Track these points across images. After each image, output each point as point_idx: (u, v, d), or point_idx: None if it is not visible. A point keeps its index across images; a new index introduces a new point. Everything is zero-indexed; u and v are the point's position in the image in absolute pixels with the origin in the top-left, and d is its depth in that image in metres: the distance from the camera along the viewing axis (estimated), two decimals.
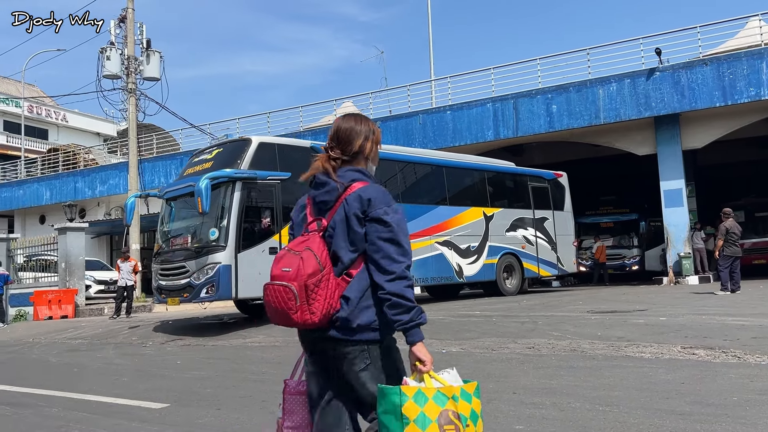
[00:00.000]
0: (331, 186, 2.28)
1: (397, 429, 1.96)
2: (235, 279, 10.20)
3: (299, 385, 2.35)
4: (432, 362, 2.11)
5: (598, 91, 17.35)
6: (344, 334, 2.14)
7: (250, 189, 10.61)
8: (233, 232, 10.27)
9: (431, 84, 21.71)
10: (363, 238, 2.19)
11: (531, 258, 15.71)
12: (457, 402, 2.05)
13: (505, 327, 8.97)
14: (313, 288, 2.08)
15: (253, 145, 10.98)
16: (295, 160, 11.35)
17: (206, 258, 10.33)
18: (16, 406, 5.77)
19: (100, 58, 18.44)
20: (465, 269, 14.13)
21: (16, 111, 37.32)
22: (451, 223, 14.00)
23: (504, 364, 6.41)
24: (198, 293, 10.33)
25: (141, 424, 4.77)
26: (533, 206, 16.10)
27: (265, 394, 5.60)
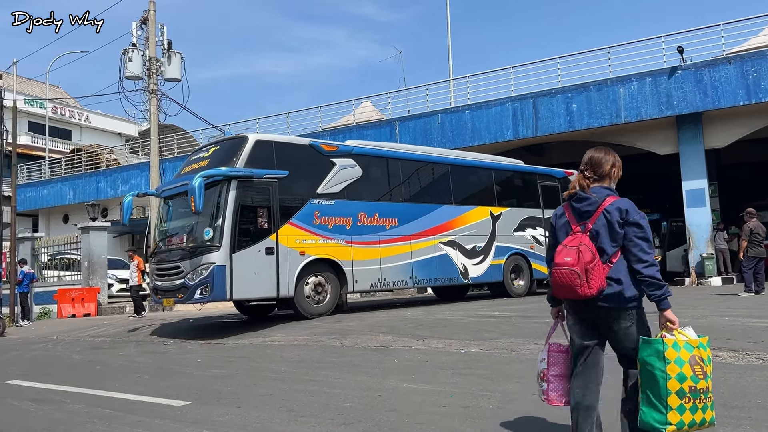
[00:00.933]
0: (591, 200, 3.16)
1: (661, 366, 2.92)
2: (229, 280, 10.00)
3: (559, 346, 3.45)
4: (678, 323, 3.04)
5: (619, 90, 17.19)
6: (617, 303, 3.08)
7: (245, 188, 10.41)
8: (228, 232, 10.07)
9: (450, 83, 21.67)
10: (622, 237, 3.07)
11: (540, 258, 15.29)
12: (700, 349, 2.98)
13: (524, 328, 8.92)
14: (590, 271, 3.01)
15: (250, 143, 10.78)
16: (294, 159, 11.26)
17: (200, 258, 10.14)
18: (41, 402, 5.87)
19: (122, 59, 18.66)
20: (471, 270, 13.87)
21: (41, 112, 37.94)
22: (457, 222, 13.75)
23: (524, 365, 6.37)
24: (192, 294, 10.14)
25: (163, 422, 4.82)
26: (543, 205, 15.79)
27: (285, 392, 5.64)
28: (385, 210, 12.49)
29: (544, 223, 15.65)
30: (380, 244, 12.23)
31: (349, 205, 11.86)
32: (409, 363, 6.87)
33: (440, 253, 13.25)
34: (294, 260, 10.84)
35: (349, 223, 11.80)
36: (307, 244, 11.08)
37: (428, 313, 11.65)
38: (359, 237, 11.89)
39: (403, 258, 12.58)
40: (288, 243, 10.80)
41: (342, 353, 7.94)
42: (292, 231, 10.91)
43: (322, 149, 11.78)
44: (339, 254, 11.55)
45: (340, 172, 11.83)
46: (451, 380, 5.76)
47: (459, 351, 7.42)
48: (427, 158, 14.01)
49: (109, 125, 43.47)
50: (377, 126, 21.26)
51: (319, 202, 11.41)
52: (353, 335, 9.23)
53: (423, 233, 12.98)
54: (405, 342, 8.34)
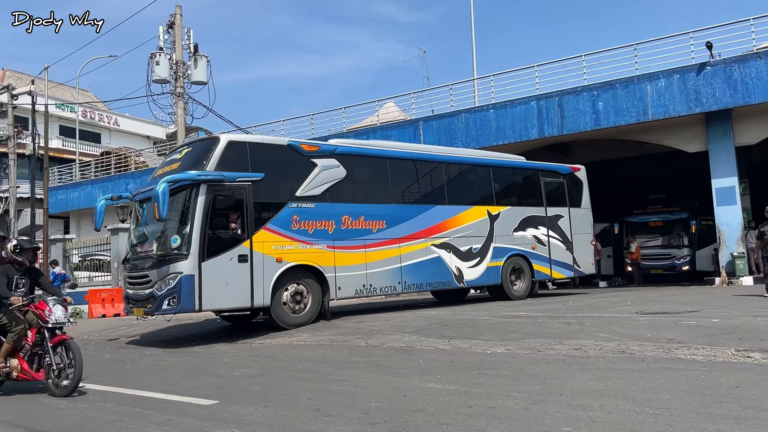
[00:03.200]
0: None
1: None
2: (198, 290, 9.42)
3: None
4: None
5: (646, 87, 16.94)
6: None
7: (216, 192, 9.83)
8: (197, 240, 9.49)
9: (474, 83, 21.56)
10: None
11: (542, 259, 14.72)
12: None
13: (550, 328, 8.85)
14: None
15: (221, 145, 10.19)
16: (270, 160, 10.74)
17: (167, 267, 9.57)
18: (73, 401, 6.00)
19: (150, 63, 18.95)
20: (466, 273, 13.18)
21: (71, 116, 38.67)
22: (451, 223, 13.06)
23: (550, 365, 6.33)
24: (160, 305, 9.58)
25: (191, 420, 4.89)
26: (546, 203, 15.04)
27: (311, 392, 5.67)
28: (372, 212, 11.85)
29: (547, 222, 14.99)
30: (366, 248, 11.62)
31: (331, 207, 11.24)
32: (434, 363, 6.87)
33: (432, 256, 12.64)
34: (270, 268, 10.23)
35: (332, 227, 11.19)
36: (284, 251, 10.48)
37: (453, 313, 11.61)
38: (343, 241, 11.28)
39: (392, 262, 11.98)
40: (263, 250, 10.20)
41: (367, 353, 7.96)
42: (268, 237, 10.31)
43: (301, 149, 11.17)
44: (320, 260, 10.93)
45: (322, 173, 11.19)
46: (476, 380, 5.75)
47: (485, 351, 7.39)
48: (418, 156, 13.36)
49: (137, 128, 44.16)
50: (401, 126, 21.26)
51: (298, 206, 10.81)
52: (378, 335, 9.25)
53: (414, 236, 12.38)
54: (430, 342, 8.33)
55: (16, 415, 5.51)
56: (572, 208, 15.66)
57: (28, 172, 26.32)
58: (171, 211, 9.81)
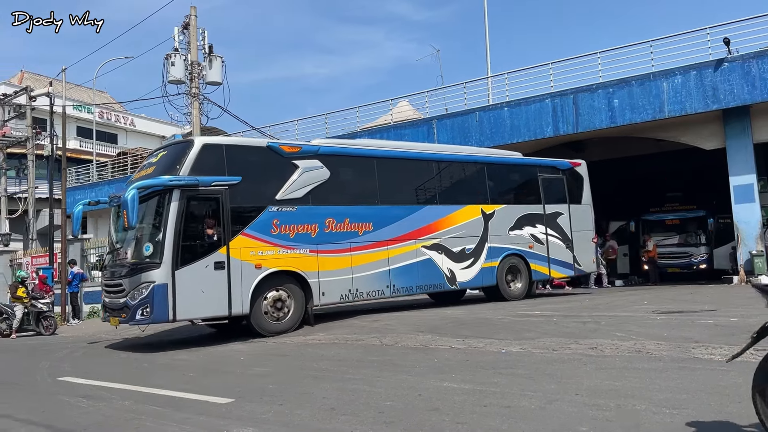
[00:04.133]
0: None
1: None
2: (172, 299, 9.18)
3: None
4: None
5: (662, 84, 16.78)
6: None
7: (190, 197, 9.52)
8: (170, 247, 9.21)
9: (488, 81, 21.48)
10: None
11: (540, 258, 14.32)
12: None
13: (566, 327, 8.82)
14: None
15: (195, 148, 9.85)
16: (249, 163, 10.43)
17: (140, 276, 9.35)
18: (92, 399, 6.07)
19: (165, 64, 19.04)
20: (458, 275, 12.84)
21: (88, 117, 39.08)
22: (442, 224, 12.72)
23: (566, 365, 6.30)
24: (134, 315, 9.34)
25: (208, 418, 4.93)
26: (544, 200, 14.62)
27: (326, 390, 5.70)
28: (358, 214, 11.54)
29: (545, 219, 14.56)
30: (352, 251, 11.30)
31: (314, 210, 10.92)
32: (449, 362, 6.86)
33: (423, 258, 12.31)
34: (249, 274, 9.93)
35: (315, 231, 10.86)
36: (264, 256, 10.17)
37: (469, 312, 11.60)
38: (327, 245, 10.96)
39: (379, 265, 11.65)
40: (241, 256, 9.90)
41: (382, 352, 7.98)
42: (246, 242, 10.01)
43: (281, 151, 10.84)
44: (303, 265, 10.61)
45: (304, 174, 10.86)
46: (491, 380, 5.74)
47: (500, 350, 7.37)
48: (407, 155, 13.01)
49: (153, 129, 44.54)
50: (415, 125, 21.24)
51: (278, 210, 10.47)
52: (393, 334, 9.26)
53: (403, 237, 12.06)
54: (445, 341, 8.33)
55: (36, 413, 5.59)
56: (572, 204, 15.27)
57: (46, 172, 26.59)
58: (144, 217, 9.69)
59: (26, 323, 15.79)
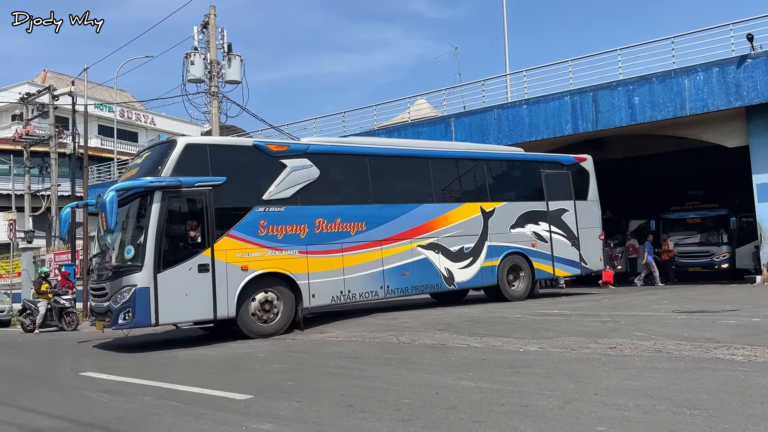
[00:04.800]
0: None
1: None
2: (154, 303, 9.05)
3: None
4: None
5: (683, 81, 16.57)
6: None
7: (172, 199, 9.36)
8: (151, 250, 9.07)
9: (507, 78, 21.38)
10: None
11: (544, 257, 13.97)
12: None
13: (585, 326, 8.76)
14: None
15: (178, 148, 9.69)
16: (234, 163, 10.26)
17: (121, 280, 9.23)
18: (113, 394, 6.15)
19: (185, 63, 19.21)
20: (457, 274, 12.57)
21: (109, 116, 39.56)
22: (439, 222, 12.45)
23: (584, 364, 6.26)
24: (116, 319, 9.23)
25: (227, 414, 4.98)
26: (547, 197, 14.25)
27: (344, 388, 5.72)
28: (349, 214, 11.31)
29: (549, 216, 14.21)
30: (343, 252, 11.08)
31: (303, 210, 10.71)
32: (466, 361, 6.85)
33: (418, 257, 12.05)
34: (235, 277, 9.75)
35: (304, 231, 10.65)
36: (250, 258, 9.98)
37: (486, 311, 11.56)
38: (317, 246, 10.75)
39: (372, 266, 11.41)
40: (227, 258, 9.72)
41: (399, 350, 7.98)
42: (231, 244, 9.83)
43: (268, 150, 10.66)
44: (291, 267, 10.41)
45: (292, 174, 10.64)
46: (509, 378, 5.72)
47: (518, 349, 7.34)
48: (401, 152, 12.77)
49: (173, 127, 44.90)
50: (432, 123, 21.20)
51: (265, 210, 10.28)
52: (410, 332, 9.27)
53: (397, 237, 11.81)
54: (462, 340, 8.32)
55: (59, 407, 5.68)
56: (578, 201, 14.86)
57: (68, 170, 27.00)
58: (126, 220, 9.65)
59: (49, 319, 16.06)
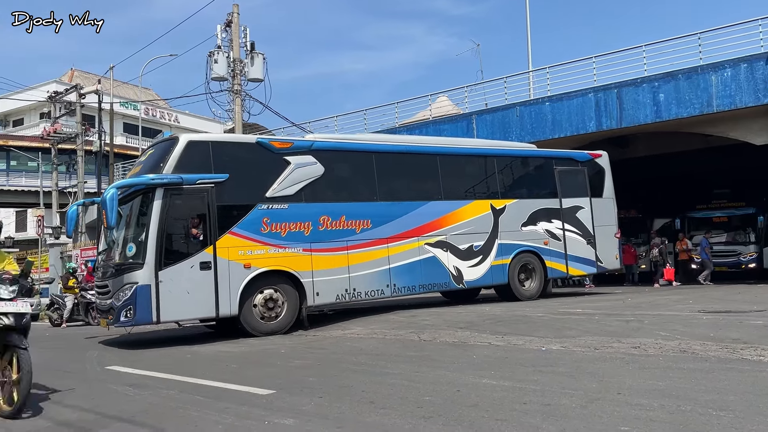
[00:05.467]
0: None
1: None
2: (155, 301, 9.05)
3: None
4: None
5: (710, 78, 16.30)
6: None
7: (174, 196, 9.34)
8: (152, 247, 9.07)
9: (529, 75, 21.21)
10: None
11: (557, 255, 13.72)
12: None
13: (608, 326, 8.67)
14: None
15: (180, 146, 9.68)
16: (236, 160, 10.20)
17: (123, 277, 9.25)
18: (138, 387, 6.25)
19: (208, 61, 19.42)
20: (466, 273, 12.38)
21: (134, 114, 40.11)
22: (447, 220, 12.28)
23: (607, 363, 6.20)
24: (118, 317, 9.26)
25: (250, 409, 5.03)
26: (561, 194, 14.00)
27: (365, 384, 5.74)
28: (354, 211, 11.18)
29: (562, 214, 13.94)
30: (348, 250, 10.96)
31: (307, 208, 10.63)
32: (488, 359, 6.83)
33: (426, 255, 11.89)
34: (237, 275, 9.72)
35: (308, 229, 10.57)
36: (253, 256, 9.93)
37: (507, 309, 11.51)
38: (321, 244, 10.66)
39: (378, 264, 11.28)
40: (229, 255, 9.68)
41: (420, 347, 7.98)
42: (234, 242, 9.79)
43: (272, 147, 10.61)
44: (295, 264, 10.32)
45: (296, 171, 10.56)
46: (531, 377, 5.69)
47: (540, 348, 7.30)
48: (408, 149, 12.62)
49: (196, 125, 45.45)
50: (454, 120, 21.13)
51: (268, 207, 10.21)
52: (431, 330, 9.26)
53: (404, 234, 11.65)
54: (483, 338, 8.29)
55: (85, 400, 5.78)
56: (593, 198, 14.54)
57: (94, 168, 27.42)
58: (128, 217, 9.70)
59: (76, 313, 16.33)
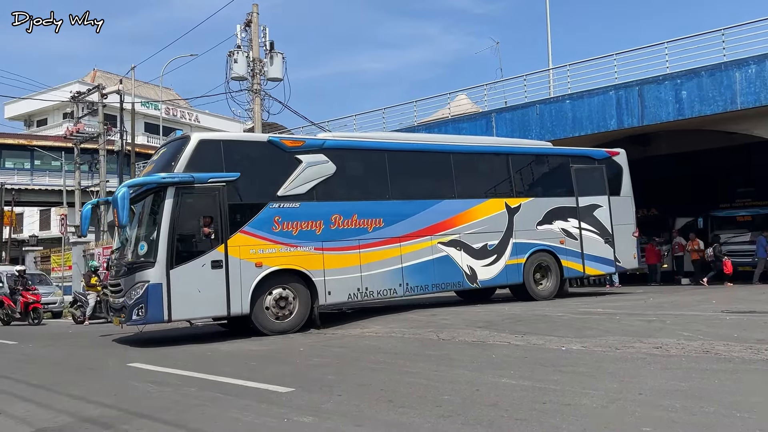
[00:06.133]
0: None
1: None
2: (167, 299, 9.08)
3: None
4: None
5: (734, 75, 16.05)
6: None
7: (185, 195, 9.37)
8: (164, 246, 9.10)
9: (549, 73, 21.05)
10: None
11: (573, 254, 13.54)
12: None
13: (629, 325, 8.59)
14: None
15: (191, 144, 9.70)
16: (248, 158, 10.19)
17: (135, 276, 9.31)
18: (160, 385, 6.31)
19: (228, 61, 19.55)
20: (480, 272, 12.30)
21: (155, 113, 40.55)
22: (461, 219, 12.19)
23: (629, 363, 6.14)
24: (130, 315, 9.31)
25: (269, 406, 5.05)
26: (577, 192, 13.82)
27: (384, 383, 5.74)
28: (367, 210, 11.13)
29: (579, 213, 13.76)
30: (360, 248, 10.92)
31: (319, 206, 10.61)
32: (507, 358, 6.80)
33: (439, 255, 11.83)
34: (249, 273, 9.73)
35: (320, 228, 10.54)
36: (265, 254, 9.93)
37: (527, 308, 11.44)
38: (333, 242, 10.63)
39: (391, 263, 11.24)
40: (241, 254, 9.69)
41: (439, 346, 7.97)
42: (245, 240, 9.79)
43: (283, 145, 10.59)
44: (307, 263, 10.31)
45: (308, 169, 10.54)
46: (551, 377, 5.65)
47: (560, 348, 7.25)
48: (421, 147, 12.55)
49: (216, 124, 45.82)
50: (473, 119, 21.05)
51: (280, 206, 10.20)
52: (450, 329, 9.24)
53: (417, 233, 11.59)
54: (503, 337, 8.25)
55: (108, 396, 5.86)
56: (611, 196, 14.33)
57: (116, 167, 27.77)
58: (140, 216, 9.76)
59: (98, 311, 16.54)
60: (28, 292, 18.07)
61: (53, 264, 29.54)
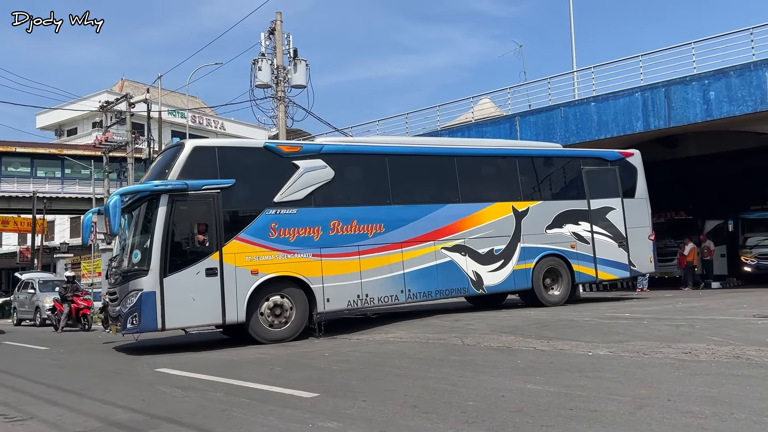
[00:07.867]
0: None
1: None
2: (160, 308, 9.05)
3: None
4: None
5: (764, 74, 15.75)
6: None
7: (179, 202, 9.31)
8: (157, 254, 9.06)
9: (573, 75, 20.88)
10: None
11: (585, 259, 13.17)
12: None
13: (657, 330, 8.45)
14: None
15: (186, 152, 9.67)
16: (243, 165, 10.12)
17: (129, 284, 9.31)
18: (186, 389, 6.38)
19: (253, 69, 19.73)
20: (486, 278, 12.00)
21: (182, 121, 41.09)
22: (465, 223, 11.93)
23: (657, 369, 6.04)
24: (125, 324, 9.30)
25: (294, 412, 5.08)
26: (589, 195, 13.43)
27: (408, 388, 5.73)
28: (366, 215, 10.94)
29: (591, 216, 13.39)
30: (360, 255, 10.72)
31: (317, 212, 10.47)
32: (532, 364, 6.74)
33: (443, 260, 11.56)
34: (244, 281, 9.63)
35: (318, 234, 10.39)
36: (261, 261, 9.83)
37: (552, 314, 11.33)
38: (332, 249, 10.46)
39: (392, 269, 11.01)
40: (236, 261, 9.60)
41: (464, 352, 7.93)
42: (240, 247, 9.70)
43: (280, 151, 10.47)
44: (304, 270, 10.16)
45: (305, 175, 10.40)
46: (577, 383, 5.58)
47: (586, 353, 7.16)
48: (422, 151, 12.32)
49: (241, 131, 46.32)
50: (496, 122, 20.96)
51: (276, 212, 10.08)
52: (475, 334, 9.19)
53: (419, 239, 11.36)
54: (528, 342, 8.18)
55: (135, 401, 5.94)
56: (625, 198, 13.91)
57: (144, 175, 28.15)
58: (134, 224, 9.77)
59: None
60: (78, 298, 18.49)
61: (83, 270, 30.08)
